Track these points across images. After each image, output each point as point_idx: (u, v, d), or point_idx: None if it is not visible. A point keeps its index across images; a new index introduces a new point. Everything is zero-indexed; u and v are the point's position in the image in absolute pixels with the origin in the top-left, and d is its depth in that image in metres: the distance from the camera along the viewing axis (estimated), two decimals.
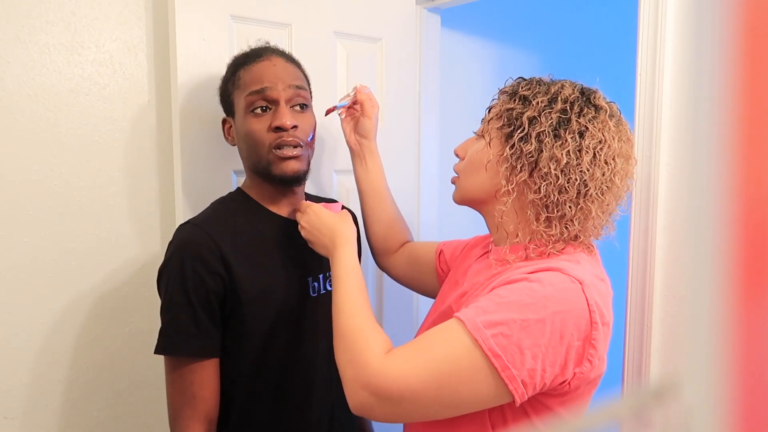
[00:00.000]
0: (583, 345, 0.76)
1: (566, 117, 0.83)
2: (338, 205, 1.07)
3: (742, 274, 0.28)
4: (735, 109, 0.27)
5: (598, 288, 0.81)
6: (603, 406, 0.37)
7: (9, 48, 1.11)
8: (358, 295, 0.89)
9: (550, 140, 0.82)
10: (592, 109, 0.84)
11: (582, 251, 0.87)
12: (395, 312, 1.61)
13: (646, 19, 1.20)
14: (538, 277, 0.78)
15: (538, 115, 0.84)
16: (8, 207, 1.13)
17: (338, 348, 0.85)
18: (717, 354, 0.29)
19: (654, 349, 1.25)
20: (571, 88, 0.86)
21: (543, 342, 0.74)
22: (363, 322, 0.85)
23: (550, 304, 0.75)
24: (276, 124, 1.00)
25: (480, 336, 0.74)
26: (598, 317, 0.77)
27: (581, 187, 0.82)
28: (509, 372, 0.73)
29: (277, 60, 1.05)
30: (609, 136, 0.83)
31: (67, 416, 1.23)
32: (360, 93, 1.21)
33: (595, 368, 0.79)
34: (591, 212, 0.83)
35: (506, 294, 0.78)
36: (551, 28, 2.35)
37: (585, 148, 0.82)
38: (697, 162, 0.29)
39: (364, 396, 0.77)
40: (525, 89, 0.88)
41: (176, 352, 0.98)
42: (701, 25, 0.28)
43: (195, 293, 0.96)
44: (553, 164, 0.82)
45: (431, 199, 1.72)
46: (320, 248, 1.01)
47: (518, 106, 0.86)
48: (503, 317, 0.75)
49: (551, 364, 0.75)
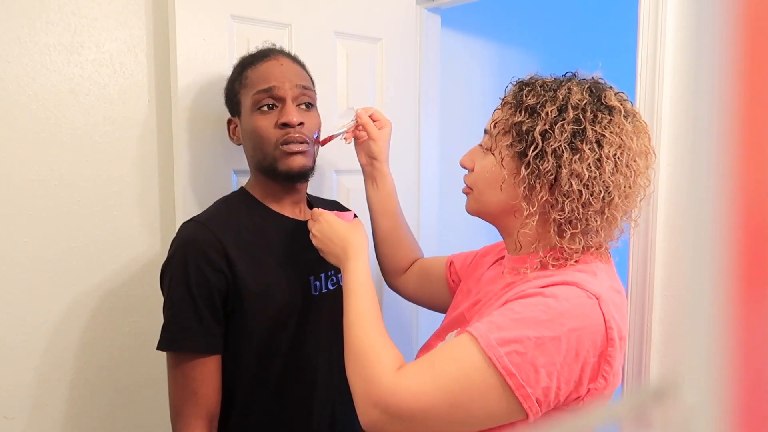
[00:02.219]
0: (599, 361, 0.74)
1: (581, 127, 0.78)
2: (350, 213, 1.06)
3: (742, 274, 0.28)
4: (735, 109, 0.27)
5: (615, 301, 0.78)
6: (603, 406, 0.37)
7: (9, 48, 1.11)
8: (370, 309, 0.87)
9: (568, 155, 0.78)
10: (606, 112, 0.80)
11: (598, 260, 0.84)
12: (396, 315, 1.61)
13: (646, 19, 1.21)
14: (554, 292, 0.75)
15: (551, 129, 0.79)
16: (8, 207, 1.13)
17: (349, 364, 0.83)
18: (717, 354, 0.29)
19: (654, 349, 1.25)
20: (579, 92, 0.81)
21: (558, 360, 0.72)
22: (375, 337, 0.83)
23: (566, 320, 0.73)
24: (283, 120, 1.02)
25: (494, 354, 0.72)
26: (615, 333, 0.75)
27: (606, 197, 0.78)
28: (523, 391, 0.72)
29: (284, 60, 1.07)
30: (627, 138, 0.79)
31: (68, 416, 1.23)
32: (361, 117, 1.17)
33: (610, 384, 0.77)
34: (616, 220, 0.81)
35: (521, 309, 0.75)
36: (551, 28, 2.35)
37: (605, 157, 0.77)
38: (697, 162, 0.29)
39: (376, 414, 0.76)
40: (530, 98, 0.82)
41: (179, 348, 0.98)
42: (701, 25, 0.28)
43: (198, 290, 0.96)
44: (574, 180, 0.78)
45: (431, 198, 1.72)
46: (331, 258, 0.99)
47: (527, 120, 0.81)
48: (518, 334, 0.72)
49: (566, 381, 0.73)
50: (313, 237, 1.02)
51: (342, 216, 1.03)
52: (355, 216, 1.09)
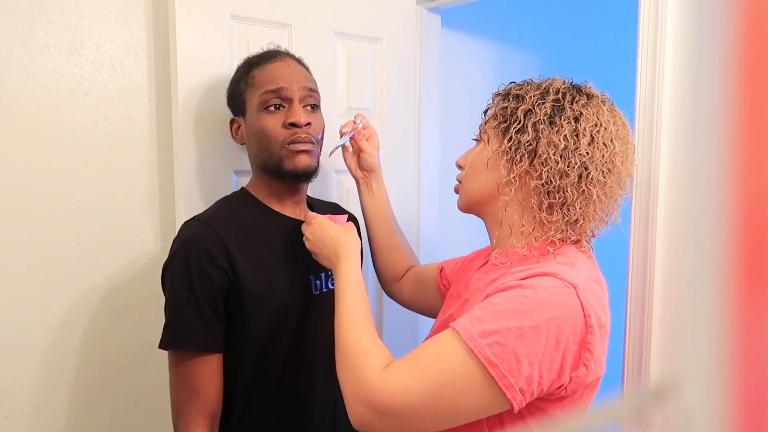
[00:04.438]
0: (579, 349, 0.76)
1: (560, 105, 0.85)
2: (344, 217, 1.08)
3: (742, 274, 0.28)
4: (735, 109, 0.27)
5: (593, 290, 0.81)
6: (603, 406, 0.37)
7: (9, 48, 1.11)
8: (360, 310, 0.89)
9: (546, 127, 0.84)
10: (584, 97, 0.87)
11: (580, 253, 0.87)
12: (396, 323, 1.61)
13: (646, 19, 1.20)
14: (532, 284, 0.78)
15: (533, 108, 0.86)
16: (8, 207, 1.13)
17: (339, 364, 0.85)
18: (717, 354, 0.29)
19: (654, 350, 1.25)
20: (561, 81, 0.89)
21: (539, 349, 0.74)
22: (364, 338, 0.85)
23: (544, 310, 0.75)
24: (291, 120, 1.03)
25: (475, 346, 0.74)
26: (594, 321, 0.77)
27: (582, 170, 0.83)
28: (506, 380, 0.73)
29: (291, 62, 1.09)
30: (604, 119, 0.85)
31: (68, 416, 1.23)
32: (367, 127, 1.23)
33: (592, 372, 0.78)
34: (593, 195, 0.84)
35: (500, 302, 0.77)
36: (551, 28, 2.35)
37: (581, 131, 0.83)
38: (697, 162, 0.29)
39: (364, 412, 0.78)
40: (517, 89, 0.90)
41: (181, 346, 0.98)
42: (701, 25, 0.28)
43: (200, 288, 0.97)
44: (551, 149, 0.83)
45: (431, 200, 1.72)
46: (324, 260, 1.01)
47: (512, 104, 0.89)
48: (498, 326, 0.74)
49: (548, 370, 0.75)
50: (306, 240, 1.04)
51: (335, 219, 1.05)
52: (352, 219, 1.09)
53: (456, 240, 1.81)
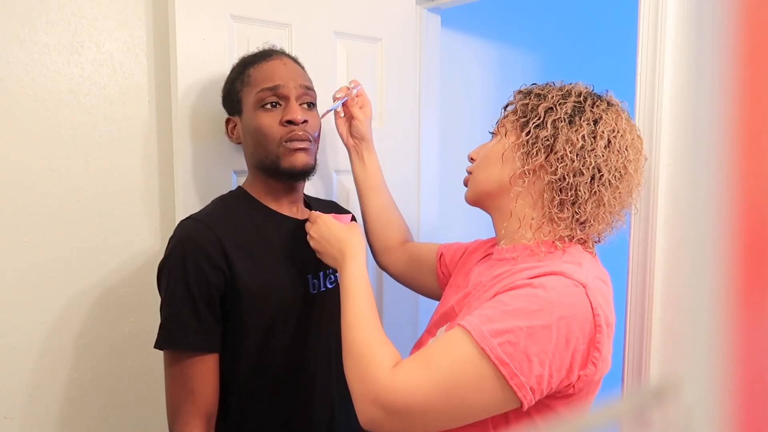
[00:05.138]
0: (588, 348, 0.77)
1: (580, 106, 0.87)
2: (348, 216, 1.07)
3: (742, 274, 0.28)
4: (735, 109, 0.27)
5: (601, 289, 0.81)
6: (603, 406, 0.37)
7: (9, 48, 1.11)
8: (366, 309, 0.89)
9: (566, 125, 0.85)
10: (605, 103, 0.89)
11: (585, 252, 0.88)
12: (396, 312, 1.61)
13: (646, 20, 1.20)
14: (542, 282, 0.78)
15: (554, 106, 0.87)
16: (8, 207, 1.13)
17: (347, 363, 0.85)
18: (717, 354, 0.29)
19: (654, 349, 1.25)
20: (584, 86, 0.91)
21: (550, 348, 0.74)
22: (371, 336, 0.85)
23: (555, 309, 0.75)
24: (288, 117, 1.03)
25: (487, 345, 0.74)
26: (602, 320, 0.77)
27: (595, 172, 0.84)
28: (518, 379, 0.73)
29: (287, 60, 1.09)
30: (621, 126, 0.86)
31: (67, 416, 1.23)
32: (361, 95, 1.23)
33: (599, 370, 0.79)
34: (603, 198, 0.84)
35: (511, 301, 0.78)
36: (551, 29, 2.35)
37: (599, 133, 0.85)
38: (697, 162, 0.29)
39: (374, 411, 0.78)
40: (539, 89, 0.92)
41: (177, 346, 0.98)
42: (701, 25, 0.28)
43: (197, 287, 0.96)
44: (569, 147, 0.84)
45: (431, 199, 1.72)
46: (329, 259, 1.01)
47: (534, 101, 0.90)
48: (509, 325, 0.75)
49: (558, 369, 0.75)
50: (311, 239, 1.03)
51: (339, 218, 1.04)
52: (354, 219, 1.09)
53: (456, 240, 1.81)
